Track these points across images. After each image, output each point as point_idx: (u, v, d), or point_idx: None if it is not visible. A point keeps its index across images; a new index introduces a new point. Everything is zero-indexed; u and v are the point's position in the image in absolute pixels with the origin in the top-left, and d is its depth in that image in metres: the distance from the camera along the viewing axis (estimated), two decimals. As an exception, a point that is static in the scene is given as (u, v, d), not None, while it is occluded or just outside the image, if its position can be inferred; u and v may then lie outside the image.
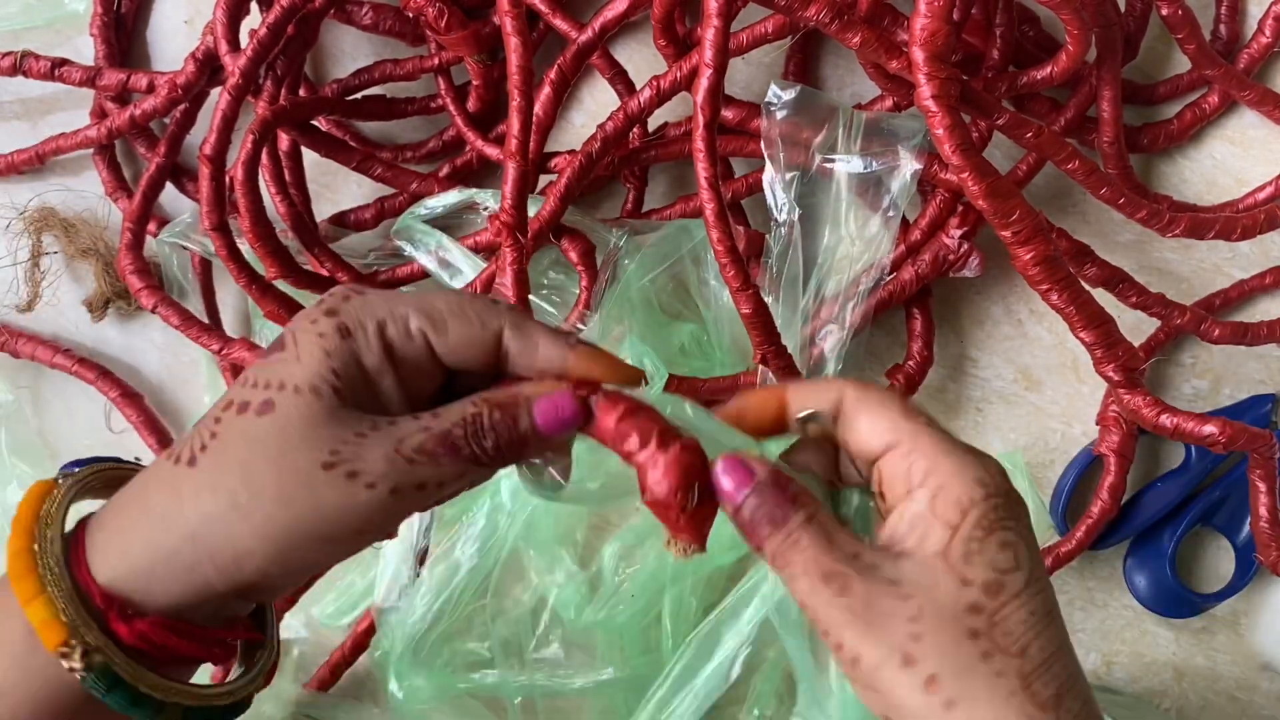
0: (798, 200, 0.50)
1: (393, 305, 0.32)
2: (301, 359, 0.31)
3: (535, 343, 0.33)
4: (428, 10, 0.51)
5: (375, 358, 0.32)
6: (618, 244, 0.53)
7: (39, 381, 0.63)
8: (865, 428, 0.32)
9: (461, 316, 0.33)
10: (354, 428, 0.31)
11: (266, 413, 0.30)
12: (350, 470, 0.30)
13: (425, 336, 0.32)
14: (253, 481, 0.30)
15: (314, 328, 0.32)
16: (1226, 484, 0.55)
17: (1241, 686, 0.57)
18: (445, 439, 0.31)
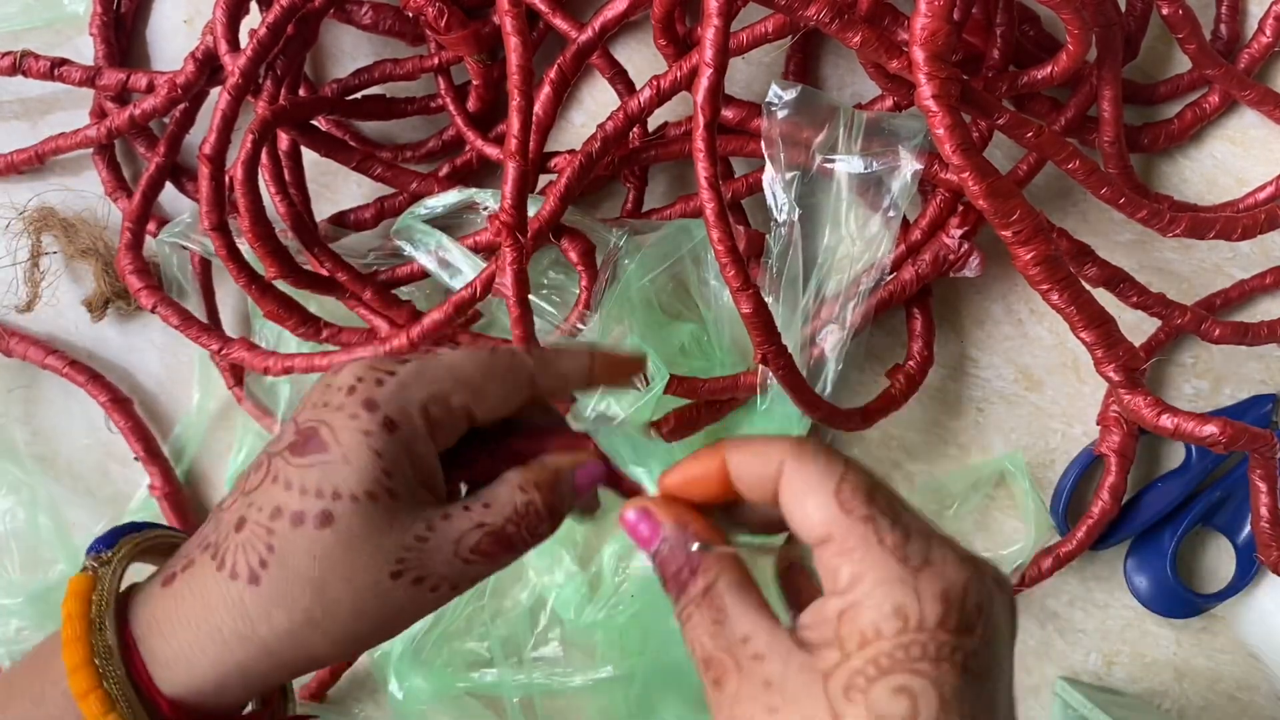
0: (798, 200, 0.50)
1: (430, 385, 0.32)
2: (351, 461, 0.30)
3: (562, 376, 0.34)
4: (427, 10, 0.51)
5: (424, 443, 0.31)
6: (618, 244, 0.52)
7: (38, 381, 0.63)
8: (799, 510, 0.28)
9: (497, 379, 0.33)
10: (414, 530, 0.31)
11: (326, 525, 0.30)
12: (417, 576, 0.31)
13: (468, 410, 0.32)
14: (326, 598, 0.30)
15: (355, 424, 0.31)
16: (1227, 484, 0.55)
17: (1242, 686, 0.57)
18: (501, 536, 0.31)
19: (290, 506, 0.30)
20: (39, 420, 0.63)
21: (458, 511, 0.31)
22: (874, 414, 0.53)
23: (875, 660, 0.25)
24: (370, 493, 0.30)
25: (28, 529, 0.60)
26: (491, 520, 0.31)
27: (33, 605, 0.59)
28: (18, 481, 0.60)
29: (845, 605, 0.26)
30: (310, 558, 0.30)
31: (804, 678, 0.26)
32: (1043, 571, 0.55)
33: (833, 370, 0.51)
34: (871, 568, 0.26)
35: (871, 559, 0.26)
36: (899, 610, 0.26)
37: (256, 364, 0.54)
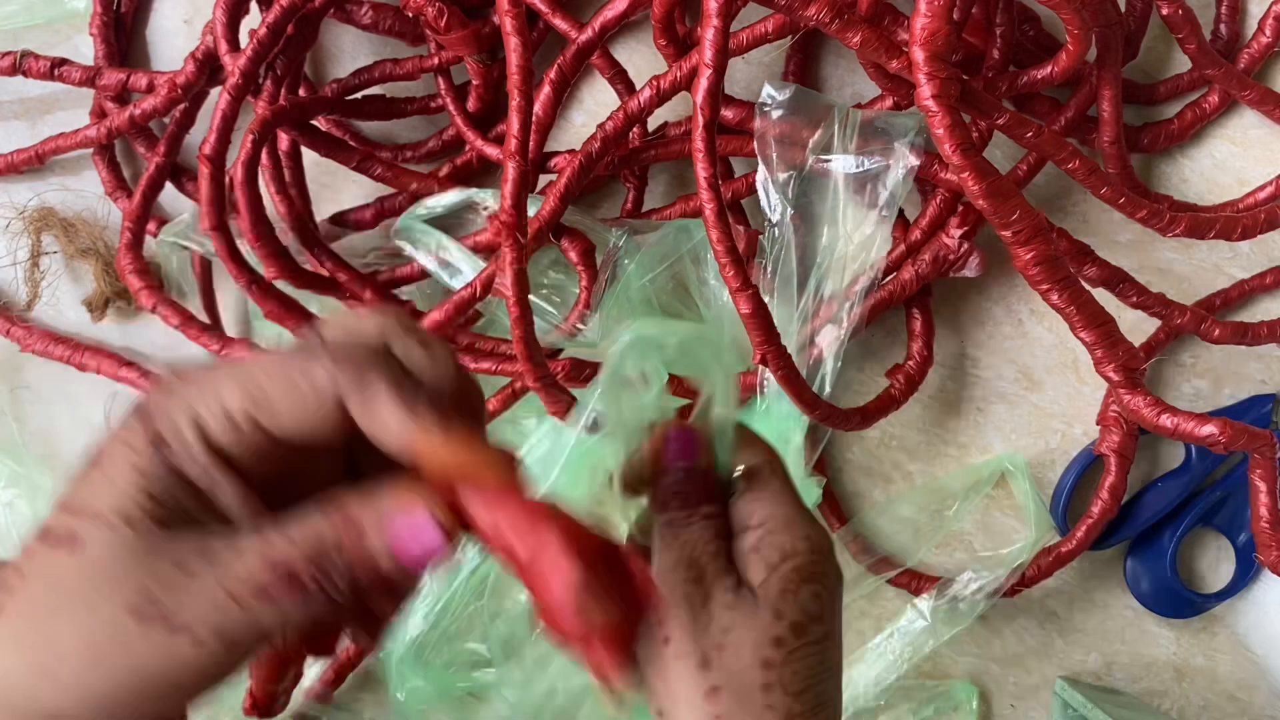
0: (795, 200, 0.50)
1: (205, 393, 0.26)
2: (110, 476, 0.25)
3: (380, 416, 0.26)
4: (427, 10, 0.51)
5: (200, 467, 0.26)
6: (618, 244, 0.52)
7: (37, 380, 0.63)
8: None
9: (286, 384, 0.26)
10: (177, 562, 0.25)
11: (75, 550, 0.25)
12: (170, 624, 0.24)
13: (254, 421, 0.26)
14: (56, 639, 0.25)
15: (121, 435, 0.26)
16: (1227, 484, 0.55)
17: (1242, 687, 0.57)
18: (293, 581, 0.25)
19: (52, 524, 0.26)
20: (38, 420, 0.63)
21: (248, 539, 0.25)
22: (873, 414, 0.53)
23: (798, 569, 0.31)
24: (127, 517, 0.25)
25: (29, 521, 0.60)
26: (282, 554, 0.25)
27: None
28: (17, 474, 0.60)
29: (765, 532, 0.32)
30: (49, 588, 0.25)
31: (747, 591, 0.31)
32: (1042, 571, 0.55)
33: (832, 370, 0.51)
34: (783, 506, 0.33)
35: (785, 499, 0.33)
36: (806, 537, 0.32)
37: (256, 364, 0.54)
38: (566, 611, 0.25)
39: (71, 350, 0.60)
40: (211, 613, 0.25)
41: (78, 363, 0.60)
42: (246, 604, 0.25)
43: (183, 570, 0.25)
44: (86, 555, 0.25)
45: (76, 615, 0.25)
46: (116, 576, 0.25)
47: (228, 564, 0.25)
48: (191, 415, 0.26)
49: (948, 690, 0.57)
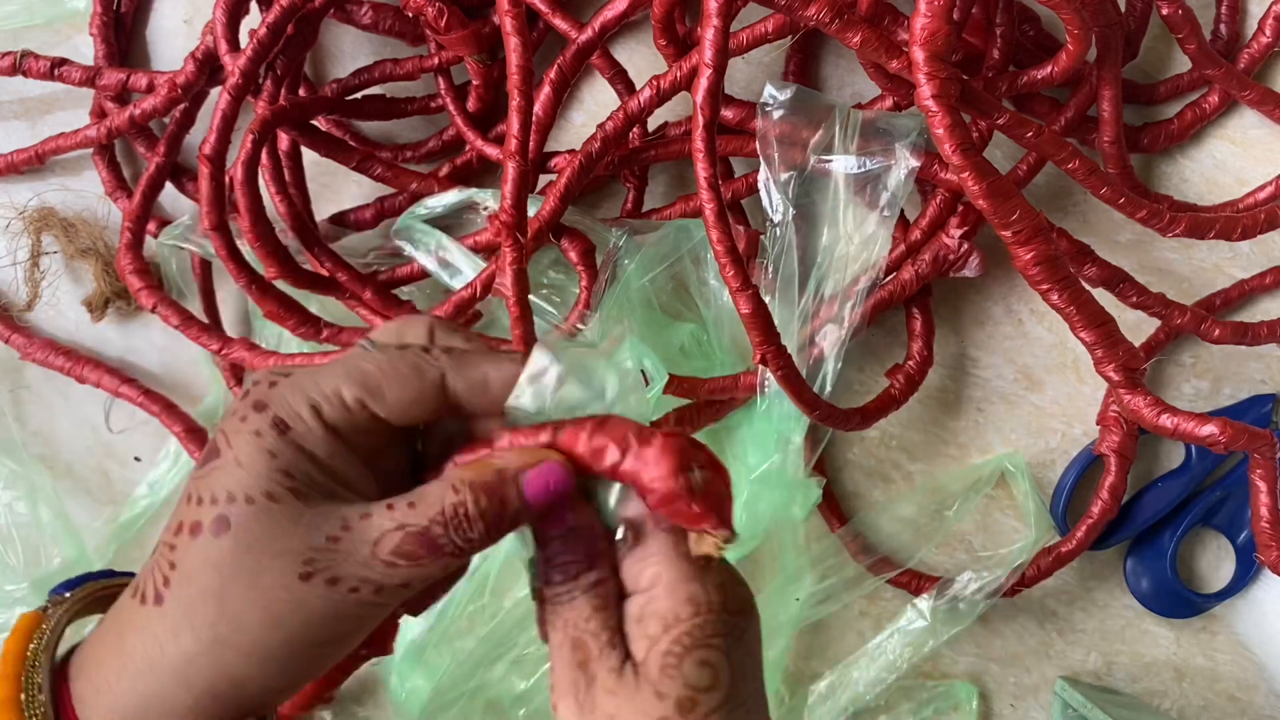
0: (795, 200, 0.50)
1: (320, 382, 0.30)
2: (244, 464, 0.29)
3: (484, 381, 0.30)
4: (427, 10, 0.51)
5: (322, 444, 0.29)
6: (618, 244, 0.52)
7: (37, 381, 0.63)
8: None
9: (395, 377, 0.30)
10: (325, 530, 0.29)
11: (223, 532, 0.28)
12: (331, 577, 0.28)
13: (364, 406, 0.30)
14: (230, 610, 0.28)
15: (246, 426, 0.29)
16: (1227, 484, 0.55)
17: (1242, 687, 0.57)
18: (425, 539, 0.29)
19: (189, 518, 0.29)
20: (38, 421, 0.63)
21: (379, 510, 0.29)
22: (873, 414, 0.53)
23: (679, 640, 0.29)
24: (269, 493, 0.28)
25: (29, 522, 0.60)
26: (414, 521, 0.29)
27: (37, 591, 0.59)
28: (16, 475, 0.60)
29: (645, 600, 0.30)
30: (210, 568, 0.28)
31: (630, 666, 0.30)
32: (1042, 571, 0.55)
33: (832, 370, 0.51)
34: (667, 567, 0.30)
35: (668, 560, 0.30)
36: (692, 599, 0.30)
37: (256, 364, 0.54)
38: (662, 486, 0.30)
39: (72, 362, 0.60)
40: (364, 570, 0.29)
41: (77, 375, 0.60)
42: (392, 564, 0.29)
43: (330, 537, 0.29)
44: (240, 533, 0.28)
45: (246, 586, 0.28)
46: (275, 547, 0.28)
47: (372, 530, 0.29)
48: (309, 401, 0.29)
49: (948, 690, 0.57)
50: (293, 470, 0.29)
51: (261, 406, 0.29)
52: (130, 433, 0.62)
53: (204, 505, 0.29)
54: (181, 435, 0.59)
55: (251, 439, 0.29)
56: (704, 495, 0.30)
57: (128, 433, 0.62)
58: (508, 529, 0.30)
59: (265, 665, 0.29)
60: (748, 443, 0.54)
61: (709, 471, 0.30)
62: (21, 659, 0.30)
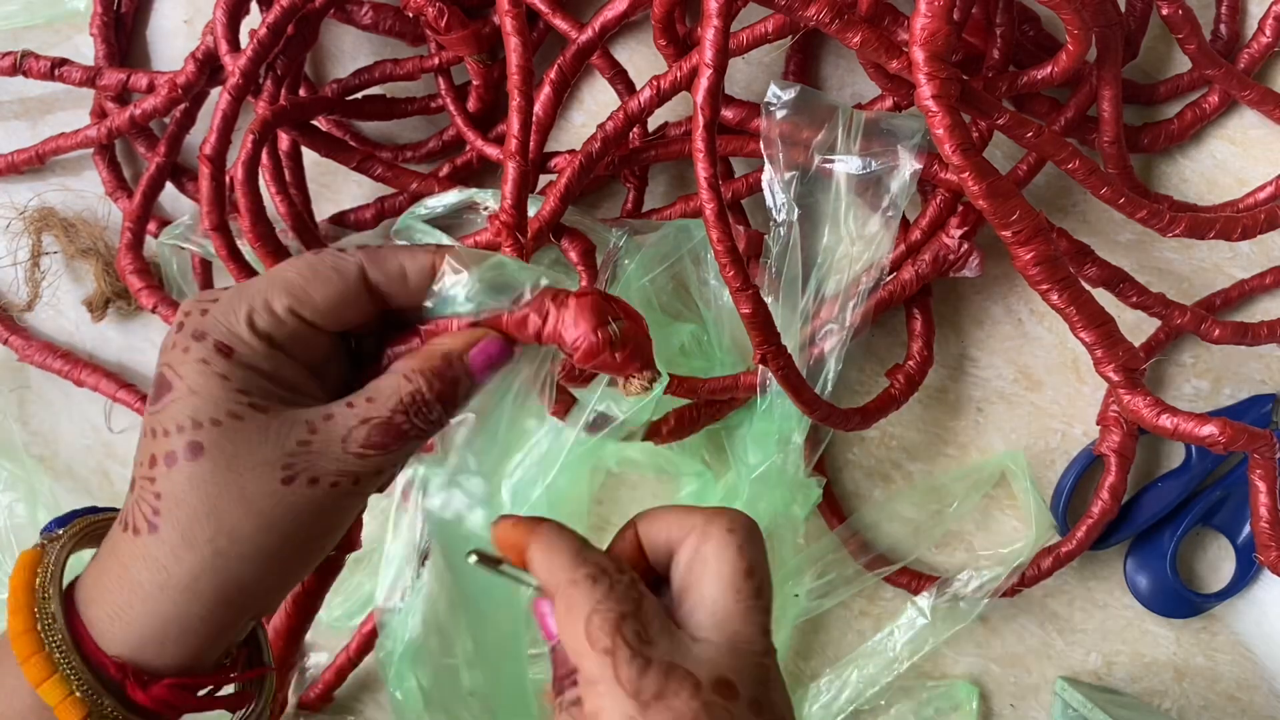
0: (797, 200, 0.50)
1: (250, 298, 0.31)
2: (199, 391, 0.30)
3: (401, 271, 0.32)
4: (428, 10, 0.51)
5: (266, 359, 0.31)
6: (618, 244, 0.52)
7: (37, 381, 0.63)
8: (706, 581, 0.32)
9: (316, 278, 0.31)
10: (294, 436, 0.30)
11: (198, 455, 0.30)
12: (310, 477, 0.30)
13: (294, 313, 0.31)
14: (224, 523, 0.30)
15: (190, 356, 0.30)
16: (1227, 484, 0.55)
17: (1242, 687, 0.57)
18: (389, 428, 0.31)
19: (161, 450, 0.30)
20: (38, 421, 0.63)
21: (340, 409, 0.31)
22: (874, 414, 0.53)
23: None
24: (231, 412, 0.30)
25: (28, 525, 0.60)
26: (376, 413, 0.31)
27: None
28: (15, 478, 0.60)
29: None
30: (195, 488, 0.30)
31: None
32: (1042, 571, 0.55)
33: (832, 370, 0.51)
34: (609, 701, 0.29)
35: (607, 692, 0.29)
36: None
37: (257, 364, 0.54)
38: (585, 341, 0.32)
39: (70, 365, 0.60)
40: (339, 464, 0.31)
41: (75, 378, 0.60)
42: (364, 454, 0.31)
43: (300, 441, 0.30)
44: (215, 453, 0.30)
45: (235, 500, 0.30)
46: (252, 459, 0.30)
47: (338, 428, 0.31)
48: (245, 318, 0.30)
49: (948, 690, 0.57)
50: (246, 388, 0.30)
51: (200, 335, 0.30)
52: (131, 432, 0.62)
53: (171, 436, 0.30)
54: None
55: (199, 367, 0.30)
56: (624, 344, 0.32)
57: (128, 433, 0.62)
58: (461, 404, 0.32)
59: (265, 566, 0.31)
60: (748, 442, 0.54)
61: (626, 321, 0.32)
62: (31, 591, 0.31)
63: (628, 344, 0.32)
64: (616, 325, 0.32)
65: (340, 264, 0.31)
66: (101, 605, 0.31)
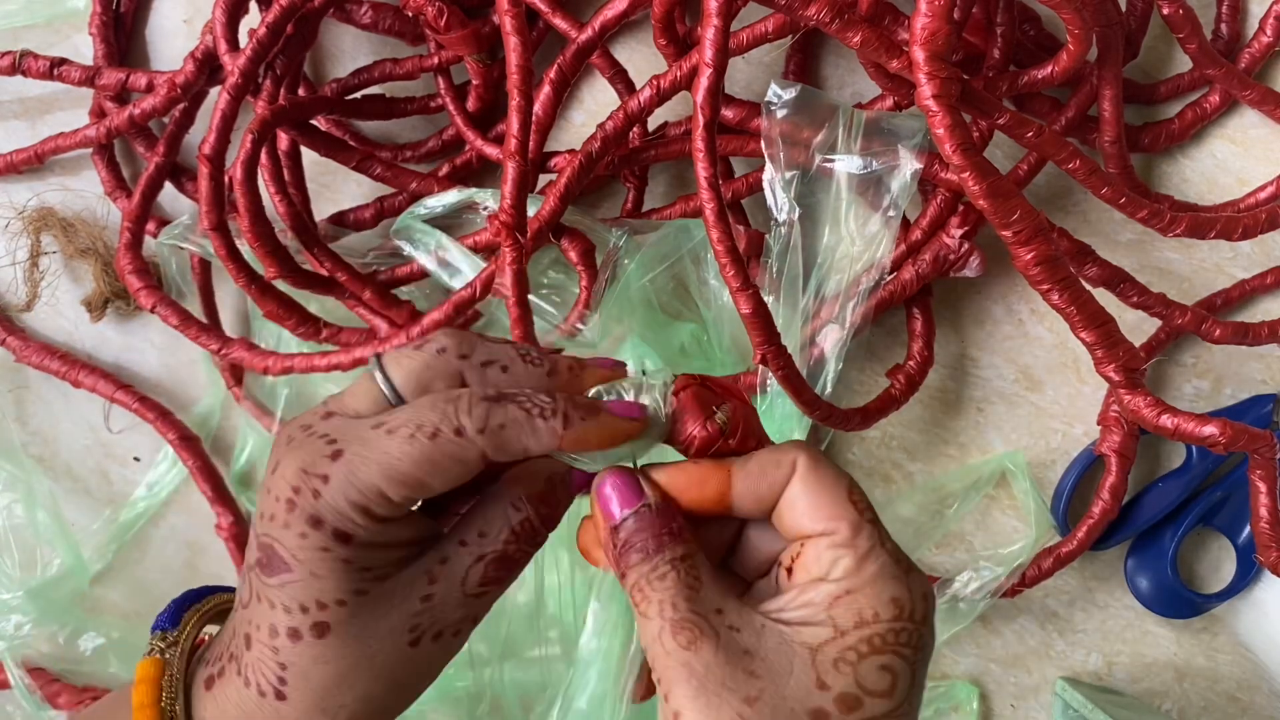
0: (798, 200, 0.50)
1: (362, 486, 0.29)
2: (319, 575, 0.30)
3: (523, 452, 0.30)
4: (427, 9, 0.51)
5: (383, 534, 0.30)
6: (618, 244, 0.52)
7: (36, 381, 0.63)
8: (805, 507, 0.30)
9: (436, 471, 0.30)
10: (418, 593, 0.31)
11: (325, 634, 0.30)
12: (435, 633, 0.31)
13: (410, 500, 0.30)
14: (356, 692, 0.30)
15: (308, 543, 0.30)
16: (1228, 484, 0.55)
17: (1243, 687, 0.57)
18: (503, 560, 0.32)
19: (282, 624, 0.30)
20: (37, 421, 0.63)
21: (454, 550, 0.31)
22: (874, 414, 0.52)
23: (869, 639, 0.28)
24: (356, 590, 0.30)
25: (26, 525, 0.60)
26: (490, 549, 0.31)
27: (32, 600, 0.59)
28: (14, 478, 0.60)
29: (843, 589, 0.29)
30: (324, 664, 0.30)
31: (788, 649, 0.29)
32: (1043, 571, 0.55)
33: (833, 370, 0.51)
34: (875, 560, 0.29)
35: (875, 554, 0.30)
36: (896, 600, 0.29)
37: (256, 364, 0.54)
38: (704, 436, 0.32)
39: (68, 366, 0.60)
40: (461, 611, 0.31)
41: (73, 379, 0.60)
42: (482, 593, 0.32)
43: (423, 597, 0.31)
44: (342, 632, 0.30)
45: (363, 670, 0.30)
46: (379, 630, 0.30)
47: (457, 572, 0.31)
48: (358, 507, 0.30)
49: (948, 690, 0.57)
50: (369, 565, 0.30)
51: (317, 523, 0.30)
52: (130, 433, 0.62)
53: (293, 613, 0.30)
54: (175, 442, 0.59)
55: (319, 554, 0.30)
56: (734, 428, 0.32)
57: (127, 433, 0.62)
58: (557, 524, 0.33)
59: (390, 714, 0.32)
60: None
61: (730, 402, 0.32)
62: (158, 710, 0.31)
63: (738, 426, 0.32)
64: (722, 412, 0.32)
65: (463, 454, 0.30)
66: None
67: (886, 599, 0.29)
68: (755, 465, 0.31)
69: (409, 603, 0.31)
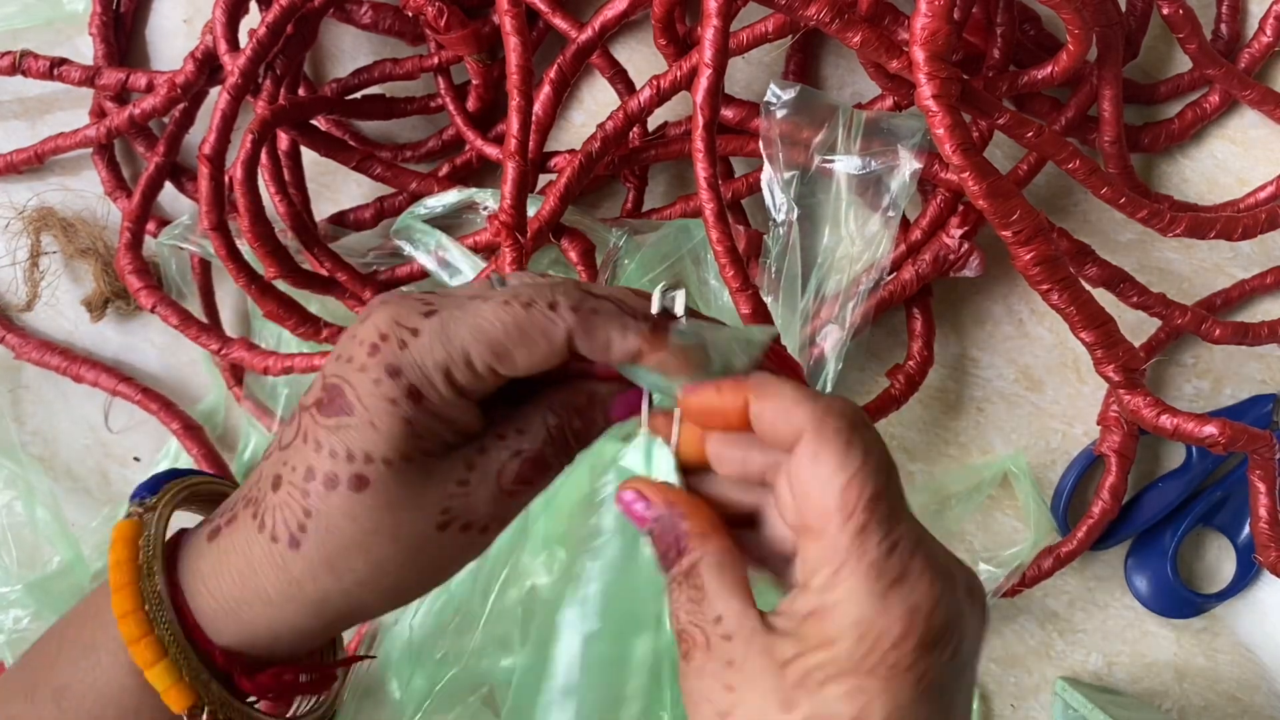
0: (797, 200, 0.50)
1: (451, 344, 0.30)
2: (379, 427, 0.29)
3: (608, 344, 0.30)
4: (427, 9, 0.51)
5: (452, 407, 0.30)
6: (617, 244, 0.52)
7: (36, 381, 0.63)
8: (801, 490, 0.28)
9: (524, 341, 0.30)
10: (455, 475, 0.30)
11: (362, 488, 0.29)
12: (464, 523, 0.30)
13: (493, 370, 0.30)
14: (372, 558, 0.30)
15: (380, 391, 0.29)
16: (1227, 484, 0.55)
17: (1243, 687, 0.57)
18: (538, 461, 0.31)
19: (322, 468, 0.29)
20: (37, 421, 0.63)
21: (492, 442, 0.31)
22: (874, 414, 0.52)
23: (832, 661, 0.27)
24: (405, 454, 0.29)
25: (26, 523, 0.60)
26: (528, 445, 0.31)
27: (31, 594, 0.59)
28: (14, 475, 0.60)
29: (813, 606, 0.27)
30: (350, 520, 0.29)
31: (762, 661, 0.28)
32: (1043, 571, 0.55)
33: (833, 370, 0.51)
34: (848, 577, 0.27)
35: (850, 568, 0.27)
36: (861, 622, 0.27)
37: (256, 364, 0.54)
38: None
39: (68, 361, 0.60)
40: (492, 507, 0.31)
41: (74, 374, 0.60)
42: (515, 492, 0.31)
43: (459, 481, 0.30)
44: (379, 491, 0.29)
45: (388, 539, 0.30)
46: (413, 502, 0.30)
47: (493, 464, 0.31)
48: (441, 366, 0.30)
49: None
50: (425, 433, 0.30)
51: (395, 372, 0.29)
52: (129, 433, 0.62)
53: (338, 459, 0.29)
54: (179, 432, 0.59)
55: (387, 405, 0.29)
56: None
57: (126, 433, 0.62)
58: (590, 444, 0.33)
59: (393, 600, 0.31)
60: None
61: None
62: (135, 567, 0.30)
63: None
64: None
65: (550, 329, 0.30)
66: (215, 598, 0.30)
67: (850, 621, 0.27)
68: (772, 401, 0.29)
69: (446, 485, 0.30)
